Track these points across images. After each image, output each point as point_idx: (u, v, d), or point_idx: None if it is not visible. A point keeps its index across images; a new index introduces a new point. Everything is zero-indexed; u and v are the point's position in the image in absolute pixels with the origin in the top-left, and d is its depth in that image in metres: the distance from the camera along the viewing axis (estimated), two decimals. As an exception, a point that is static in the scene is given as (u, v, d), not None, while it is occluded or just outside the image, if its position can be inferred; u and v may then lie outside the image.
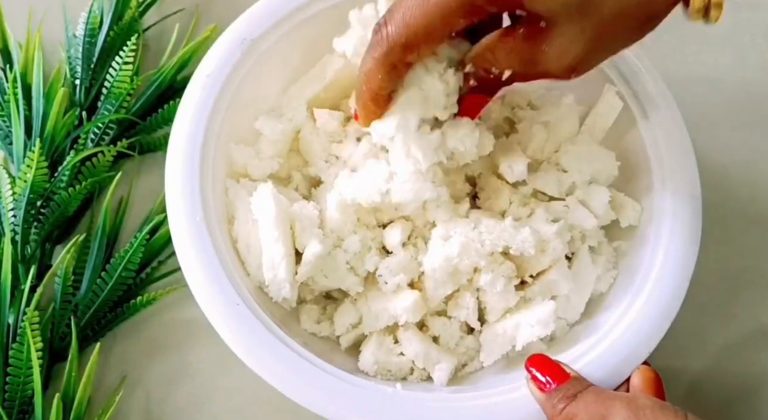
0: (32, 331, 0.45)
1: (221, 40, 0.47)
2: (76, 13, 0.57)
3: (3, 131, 0.53)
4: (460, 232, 0.43)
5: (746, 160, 0.57)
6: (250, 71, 0.47)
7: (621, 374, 0.41)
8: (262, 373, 0.40)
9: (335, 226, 0.45)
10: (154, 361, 0.49)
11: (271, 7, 0.48)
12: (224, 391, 0.49)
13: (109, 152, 0.53)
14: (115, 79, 0.54)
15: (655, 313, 0.42)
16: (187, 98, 0.46)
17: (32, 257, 0.50)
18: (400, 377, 0.45)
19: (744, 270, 0.54)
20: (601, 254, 0.47)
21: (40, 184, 0.50)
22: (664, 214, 0.45)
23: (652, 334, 0.42)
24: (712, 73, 0.60)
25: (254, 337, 0.40)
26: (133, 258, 0.49)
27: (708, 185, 0.47)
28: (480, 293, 0.45)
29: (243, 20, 0.48)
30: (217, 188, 0.45)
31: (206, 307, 0.41)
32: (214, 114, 0.45)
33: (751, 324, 0.53)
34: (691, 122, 0.48)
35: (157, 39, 0.59)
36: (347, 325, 0.45)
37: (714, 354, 0.52)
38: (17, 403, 0.45)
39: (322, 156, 0.49)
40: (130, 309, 0.49)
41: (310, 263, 0.43)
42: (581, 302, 0.46)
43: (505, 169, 0.46)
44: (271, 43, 0.48)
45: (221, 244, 0.43)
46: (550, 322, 0.43)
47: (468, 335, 0.46)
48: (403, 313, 0.43)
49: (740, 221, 0.56)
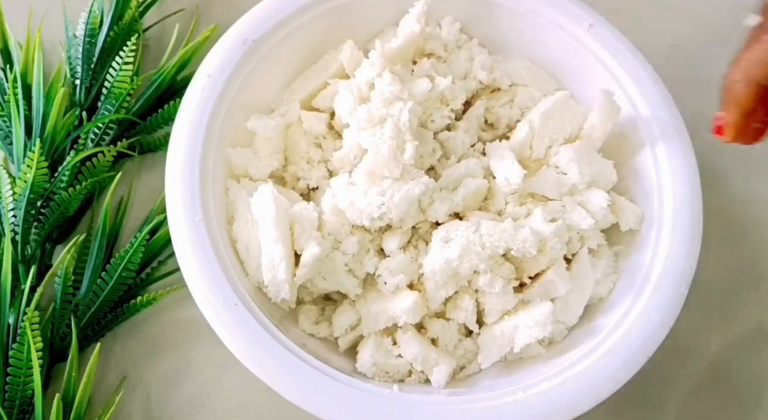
0: (32, 331, 0.45)
1: (222, 40, 0.47)
2: (76, 13, 0.57)
3: (3, 131, 0.53)
4: (461, 234, 0.43)
5: (746, 161, 0.57)
6: (252, 72, 0.48)
7: (619, 379, 0.41)
8: (259, 373, 0.40)
9: (332, 229, 0.45)
10: (154, 361, 0.50)
11: (273, 8, 0.48)
12: (224, 391, 0.49)
13: (109, 152, 0.53)
14: (115, 79, 0.54)
15: (655, 317, 0.42)
16: (187, 98, 0.46)
17: (32, 257, 0.50)
18: (398, 379, 0.45)
19: (744, 270, 0.54)
20: (601, 258, 0.47)
21: (40, 184, 0.50)
22: (665, 218, 0.45)
23: (651, 339, 0.42)
24: (712, 73, 0.60)
25: (252, 338, 0.40)
26: (133, 258, 0.49)
27: (708, 185, 0.47)
28: (478, 294, 0.45)
29: (245, 21, 0.48)
30: (217, 189, 0.45)
31: (204, 307, 0.41)
32: (215, 114, 0.46)
33: (751, 324, 0.53)
34: (691, 122, 0.48)
35: (157, 39, 0.59)
36: (346, 327, 0.45)
37: (714, 354, 0.52)
38: (17, 403, 0.45)
39: (304, 157, 0.49)
40: (130, 309, 0.50)
41: (308, 266, 0.43)
42: (580, 305, 0.45)
43: (502, 182, 0.46)
44: (273, 44, 0.48)
45: (220, 245, 0.43)
46: (548, 324, 0.43)
47: (466, 338, 0.46)
48: (402, 314, 0.43)
49: (740, 221, 0.56)
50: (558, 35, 0.50)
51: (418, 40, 0.48)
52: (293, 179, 0.49)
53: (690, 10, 0.62)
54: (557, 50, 0.51)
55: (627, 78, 0.48)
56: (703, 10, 0.62)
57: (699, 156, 0.47)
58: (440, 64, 0.50)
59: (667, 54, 0.60)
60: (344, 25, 0.50)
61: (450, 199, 0.45)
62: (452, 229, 0.44)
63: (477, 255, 0.43)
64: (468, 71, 0.51)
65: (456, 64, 0.51)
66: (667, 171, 0.46)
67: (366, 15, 0.51)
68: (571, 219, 0.46)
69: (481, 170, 0.47)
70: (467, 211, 0.46)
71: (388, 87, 0.45)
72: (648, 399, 0.50)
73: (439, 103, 0.48)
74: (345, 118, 0.46)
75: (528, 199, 0.47)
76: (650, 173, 0.47)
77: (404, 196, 0.43)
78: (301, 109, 0.49)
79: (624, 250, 0.47)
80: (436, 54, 0.51)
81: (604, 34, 0.49)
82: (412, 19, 0.48)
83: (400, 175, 0.44)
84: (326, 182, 0.47)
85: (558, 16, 0.50)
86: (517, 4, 0.50)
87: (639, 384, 0.47)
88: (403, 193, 0.43)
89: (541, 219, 0.45)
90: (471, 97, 0.51)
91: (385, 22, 0.52)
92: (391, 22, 0.51)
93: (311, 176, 0.48)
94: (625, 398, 0.50)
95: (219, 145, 0.46)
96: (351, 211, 0.44)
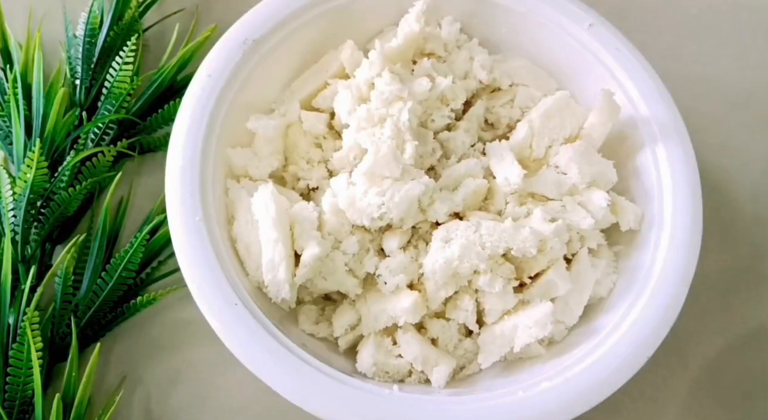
0: (32, 331, 0.45)
1: (223, 40, 0.47)
2: (76, 13, 0.57)
3: (3, 131, 0.53)
4: (461, 234, 0.43)
5: (746, 161, 0.57)
6: (252, 72, 0.48)
7: (619, 379, 0.41)
8: (259, 373, 0.40)
9: (332, 229, 0.45)
10: (154, 361, 0.50)
11: (274, 8, 0.48)
12: (224, 391, 0.49)
13: (109, 152, 0.53)
14: (115, 79, 0.54)
15: (655, 317, 0.42)
16: (187, 98, 0.46)
17: (32, 257, 0.50)
18: (398, 379, 0.45)
19: (744, 270, 0.54)
20: (601, 258, 0.47)
21: (40, 184, 0.50)
22: (665, 218, 0.45)
23: (651, 340, 0.42)
24: (712, 73, 0.60)
25: (252, 338, 0.40)
26: (133, 258, 0.49)
27: (708, 186, 0.47)
28: (478, 294, 0.45)
29: (245, 21, 0.48)
30: (217, 189, 0.45)
31: (204, 308, 0.41)
32: (215, 114, 0.46)
33: (751, 324, 0.53)
34: (691, 123, 0.48)
35: (157, 39, 0.59)
36: (346, 327, 0.45)
37: (714, 354, 0.52)
38: (17, 403, 0.45)
39: (304, 157, 0.49)
40: (130, 309, 0.50)
41: (308, 266, 0.43)
42: (580, 305, 0.45)
43: (502, 182, 0.46)
44: (273, 44, 0.48)
45: (220, 245, 0.43)
46: (548, 324, 0.43)
47: (466, 338, 0.46)
48: (402, 314, 0.43)
49: (740, 221, 0.56)
50: (558, 35, 0.50)
51: (417, 39, 0.48)
52: (293, 179, 0.49)
53: (690, 11, 0.62)
54: (557, 50, 0.51)
55: (627, 78, 0.48)
56: (703, 10, 0.62)
57: (699, 156, 0.47)
58: (440, 63, 0.50)
59: (667, 54, 0.60)
60: (344, 25, 0.50)
61: (450, 199, 0.45)
62: (452, 229, 0.44)
63: (477, 255, 0.43)
64: (468, 71, 0.51)
65: (456, 64, 0.51)
66: (667, 171, 0.46)
67: (366, 15, 0.51)
68: (571, 219, 0.46)
69: (481, 170, 0.47)
70: (467, 211, 0.46)
71: (388, 87, 0.45)
72: (648, 399, 0.50)
73: (439, 102, 0.48)
74: (344, 118, 0.46)
75: (528, 199, 0.47)
76: (650, 173, 0.47)
77: (404, 196, 0.43)
78: (301, 109, 0.49)
79: (624, 250, 0.47)
80: (436, 54, 0.51)
81: (604, 34, 0.49)
82: (412, 19, 0.48)
83: (400, 175, 0.44)
84: (326, 182, 0.47)
85: (558, 16, 0.50)
86: (517, 4, 0.50)
87: (639, 384, 0.47)
88: (403, 193, 0.43)
89: (541, 219, 0.45)
90: (471, 97, 0.51)
91: (385, 22, 0.52)
92: (391, 22, 0.51)
93: (311, 176, 0.48)
94: (625, 398, 0.50)
95: (219, 145, 0.46)
96: (351, 211, 0.44)
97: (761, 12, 0.62)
